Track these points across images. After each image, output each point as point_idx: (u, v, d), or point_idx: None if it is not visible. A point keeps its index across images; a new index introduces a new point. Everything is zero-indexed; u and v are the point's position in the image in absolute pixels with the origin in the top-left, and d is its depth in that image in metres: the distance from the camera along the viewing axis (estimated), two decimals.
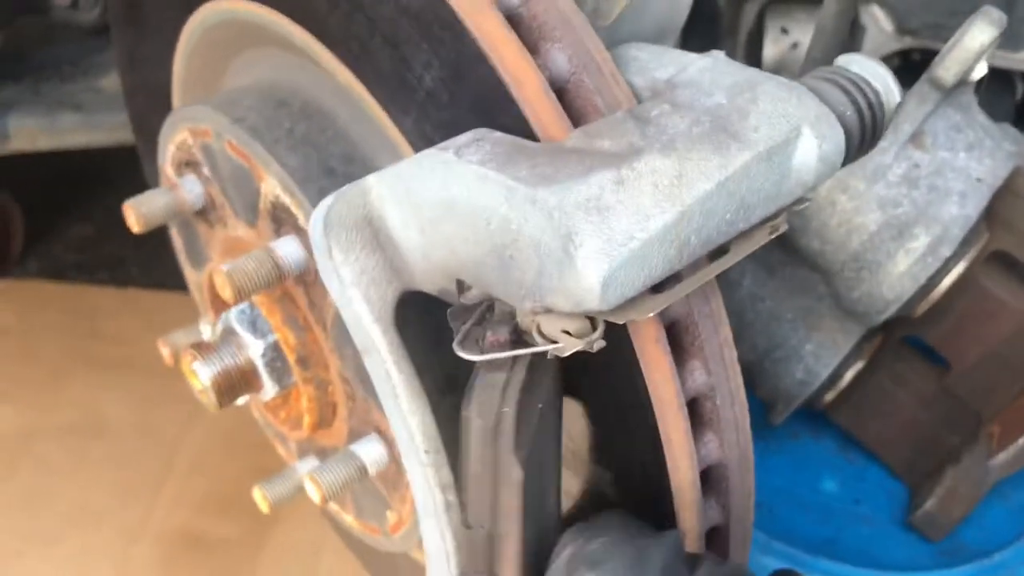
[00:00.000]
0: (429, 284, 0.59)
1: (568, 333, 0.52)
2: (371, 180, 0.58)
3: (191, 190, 0.84)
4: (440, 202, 0.54)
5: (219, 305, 0.86)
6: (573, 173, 0.50)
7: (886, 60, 0.98)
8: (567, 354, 0.51)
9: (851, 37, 1.36)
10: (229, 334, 0.81)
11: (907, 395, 1.07)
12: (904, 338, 1.06)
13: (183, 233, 0.94)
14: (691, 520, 0.61)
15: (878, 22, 1.27)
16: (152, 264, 2.13)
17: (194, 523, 1.77)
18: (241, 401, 0.84)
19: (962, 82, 0.86)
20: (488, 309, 0.57)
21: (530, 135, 0.56)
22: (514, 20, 0.58)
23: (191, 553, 1.72)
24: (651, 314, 0.52)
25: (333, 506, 0.95)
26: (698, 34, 1.29)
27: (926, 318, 1.02)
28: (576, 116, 0.57)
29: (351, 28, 0.65)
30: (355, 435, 0.81)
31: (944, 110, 0.87)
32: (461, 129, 0.56)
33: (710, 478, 0.63)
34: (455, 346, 0.54)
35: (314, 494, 0.76)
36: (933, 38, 1.11)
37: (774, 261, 0.96)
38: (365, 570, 1.20)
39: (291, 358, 0.79)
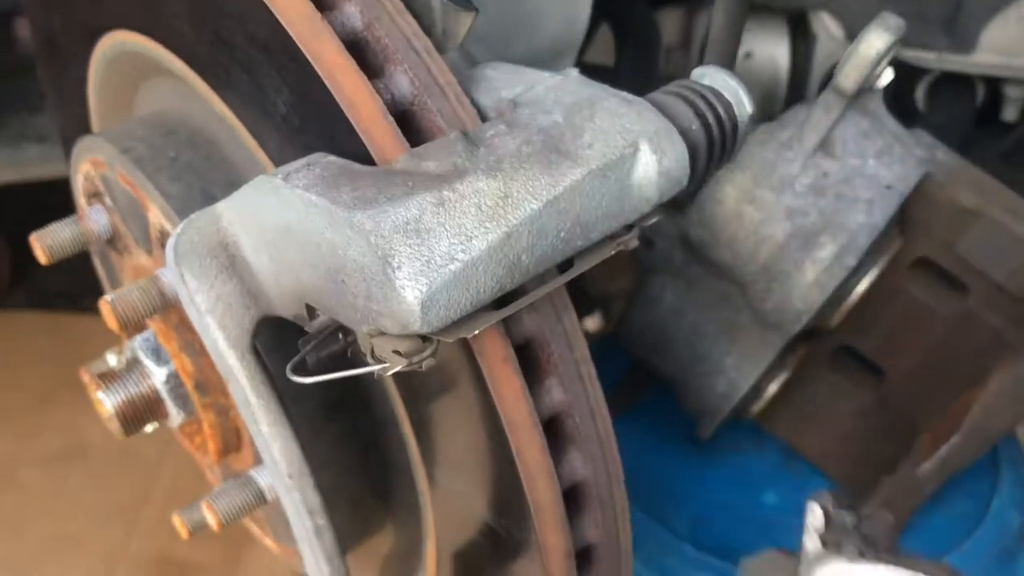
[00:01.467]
0: (284, 309, 0.59)
1: (399, 353, 0.52)
2: (220, 207, 0.58)
3: (98, 220, 0.85)
4: (278, 227, 0.55)
5: (129, 333, 0.87)
6: (394, 196, 0.50)
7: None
8: (391, 373, 0.51)
9: (802, 45, 1.36)
10: (134, 362, 0.82)
11: (845, 406, 1.05)
12: (841, 348, 1.04)
13: (103, 262, 0.95)
14: (554, 539, 0.61)
15: (828, 29, 1.27)
16: None
17: (171, 549, 1.78)
18: (149, 428, 0.84)
19: (868, 89, 0.85)
20: (333, 333, 0.57)
21: (369, 159, 0.56)
22: (358, 44, 0.58)
23: None
24: (477, 331, 0.51)
25: (255, 531, 0.96)
26: (634, 53, 1.29)
27: (858, 328, 1.01)
28: (421, 139, 0.57)
29: (215, 56, 0.65)
30: (259, 460, 0.81)
31: (852, 117, 0.86)
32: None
33: (579, 496, 0.63)
34: (287, 371, 0.54)
35: (210, 520, 0.77)
36: None
37: (692, 275, 0.95)
38: None
39: (189, 384, 0.79)
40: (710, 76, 0.60)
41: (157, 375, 0.81)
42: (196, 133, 0.75)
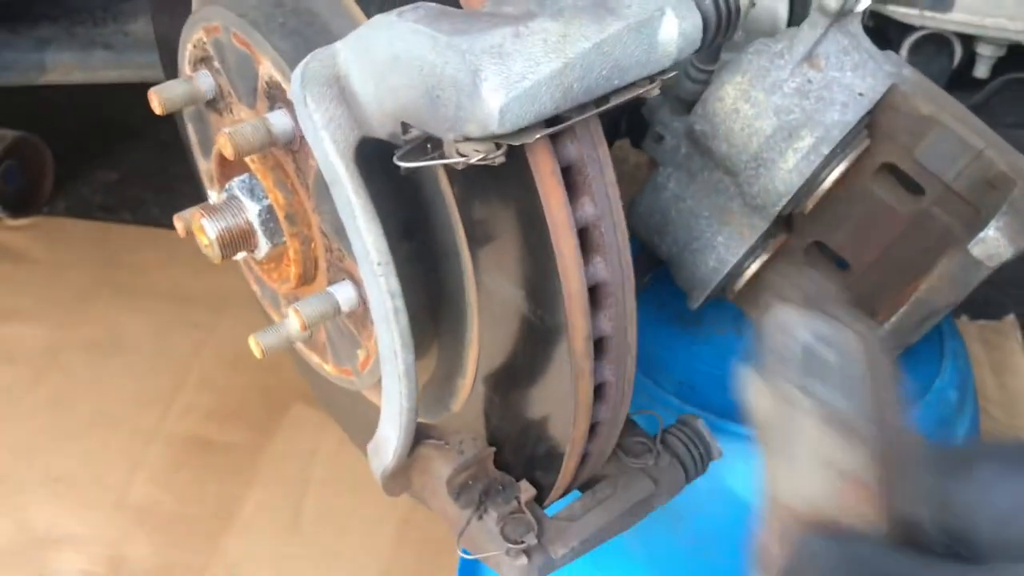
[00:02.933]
0: (382, 130, 0.76)
1: (478, 152, 0.69)
2: (338, 45, 0.75)
3: (204, 82, 1.02)
4: (387, 57, 0.72)
5: (224, 178, 1.04)
6: (483, 28, 0.68)
7: None
8: (472, 162, 0.69)
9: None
10: (231, 199, 0.99)
11: None
12: (814, 244, 1.22)
13: (197, 127, 1.13)
14: (579, 322, 0.79)
15: None
16: (170, 206, 2.33)
17: (202, 430, 1.96)
18: (239, 256, 1.02)
19: (848, 12, 1.03)
20: (424, 143, 0.75)
21: (456, 5, 0.73)
22: None
23: (199, 455, 1.91)
24: (538, 136, 0.69)
25: (315, 359, 1.13)
26: None
27: (829, 225, 1.18)
28: None
29: None
30: (332, 284, 0.98)
31: (835, 36, 1.04)
32: None
33: (599, 295, 0.81)
34: (395, 159, 0.72)
35: (295, 324, 0.94)
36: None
37: (694, 167, 1.13)
38: (336, 422, 1.37)
39: (280, 215, 0.97)
40: None
41: (251, 209, 0.98)
42: (299, 4, 0.92)
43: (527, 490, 0.92)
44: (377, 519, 1.77)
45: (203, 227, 0.98)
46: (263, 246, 0.99)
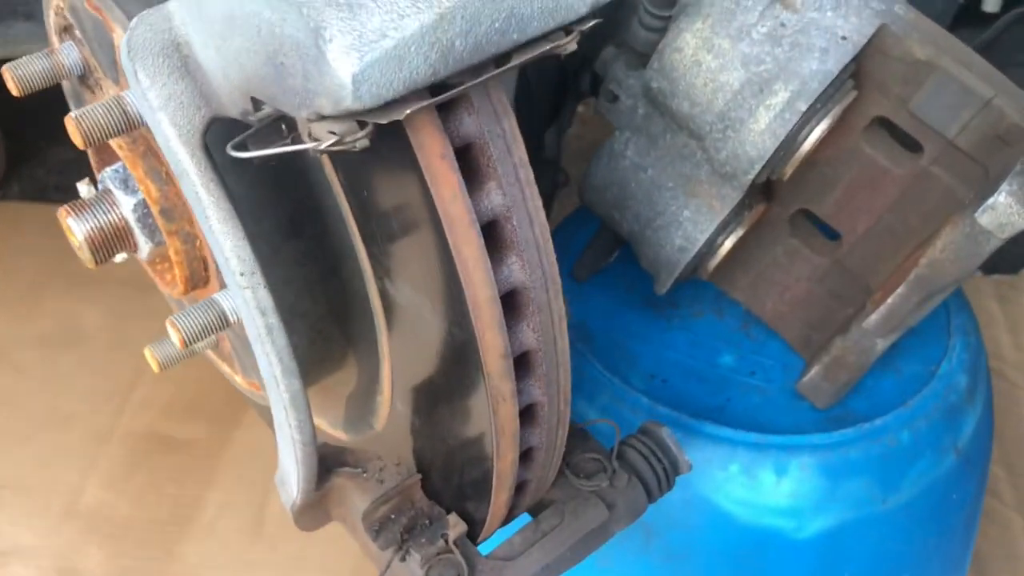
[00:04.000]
0: (232, 107, 0.61)
1: (334, 134, 0.54)
2: (172, 5, 0.60)
3: (69, 55, 0.86)
4: (223, 16, 0.57)
5: (100, 166, 0.89)
6: None
7: None
8: (323, 149, 0.54)
9: None
10: (104, 193, 0.84)
11: (802, 269, 1.08)
12: (799, 213, 1.07)
13: (77, 106, 0.97)
14: (492, 337, 0.64)
15: None
16: None
17: (160, 426, 1.84)
18: (119, 259, 0.87)
19: None
20: (276, 126, 0.59)
21: None
22: None
23: (156, 453, 1.80)
24: (410, 111, 0.54)
25: (226, 369, 0.99)
26: None
27: (815, 192, 1.03)
28: None
29: None
30: (224, 288, 0.84)
31: None
32: None
33: (517, 302, 0.66)
34: (228, 148, 0.57)
35: (175, 339, 0.80)
36: None
37: (655, 130, 0.97)
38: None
39: (155, 210, 0.82)
40: None
41: (125, 204, 0.83)
42: None
43: (456, 525, 0.78)
44: None
45: (70, 227, 0.83)
46: (143, 246, 0.85)
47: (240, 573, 1.63)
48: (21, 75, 0.85)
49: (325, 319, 0.82)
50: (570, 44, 0.60)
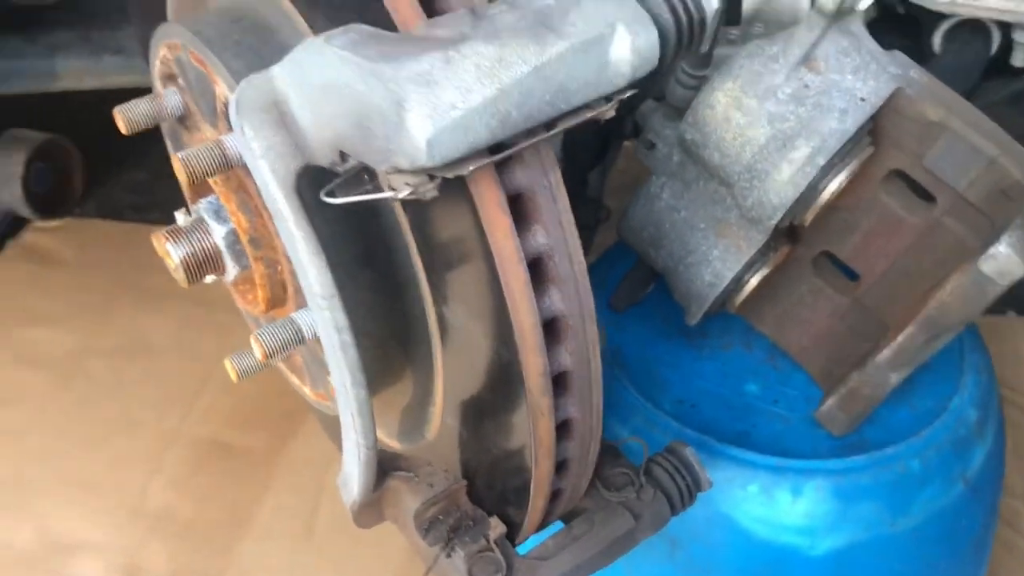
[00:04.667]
0: (323, 158, 0.72)
1: (409, 185, 0.65)
2: (275, 69, 0.71)
3: (171, 99, 0.99)
4: (320, 84, 0.68)
5: (195, 197, 1.01)
6: (411, 53, 0.63)
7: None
8: (401, 197, 0.64)
9: None
10: (198, 222, 0.96)
11: (823, 307, 1.16)
12: (822, 254, 1.15)
13: (174, 142, 1.10)
14: (534, 359, 0.74)
15: None
16: None
17: (221, 434, 1.96)
18: (209, 280, 0.99)
19: (849, 10, 0.95)
20: (360, 176, 0.70)
21: (395, 28, 0.68)
22: None
23: (217, 459, 1.91)
24: (473, 168, 0.64)
25: (295, 381, 1.10)
26: None
27: (837, 236, 1.11)
28: (439, 14, 0.70)
29: None
30: (301, 308, 0.95)
31: (834, 36, 0.97)
32: None
33: (557, 328, 0.76)
34: (321, 195, 0.68)
35: (257, 352, 0.90)
36: None
37: (689, 176, 1.07)
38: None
39: (244, 239, 0.93)
40: None
41: (217, 232, 0.95)
42: (258, 22, 0.89)
43: (497, 527, 0.88)
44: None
45: (168, 251, 0.95)
46: (231, 269, 0.96)
47: (290, 573, 1.73)
48: (129, 117, 0.97)
49: (388, 338, 0.93)
50: (609, 111, 0.71)
